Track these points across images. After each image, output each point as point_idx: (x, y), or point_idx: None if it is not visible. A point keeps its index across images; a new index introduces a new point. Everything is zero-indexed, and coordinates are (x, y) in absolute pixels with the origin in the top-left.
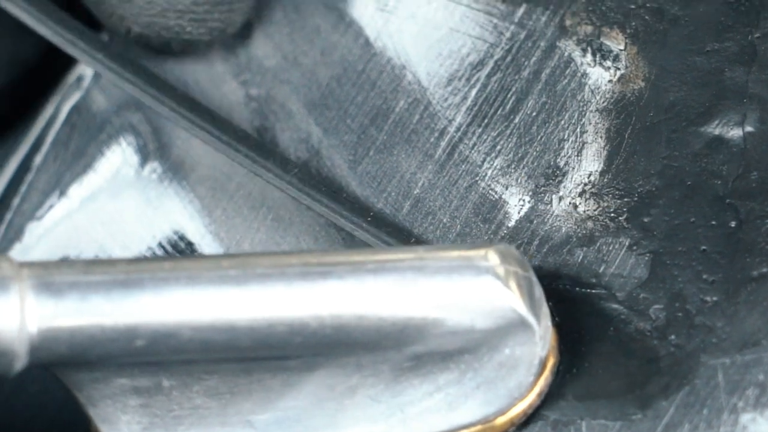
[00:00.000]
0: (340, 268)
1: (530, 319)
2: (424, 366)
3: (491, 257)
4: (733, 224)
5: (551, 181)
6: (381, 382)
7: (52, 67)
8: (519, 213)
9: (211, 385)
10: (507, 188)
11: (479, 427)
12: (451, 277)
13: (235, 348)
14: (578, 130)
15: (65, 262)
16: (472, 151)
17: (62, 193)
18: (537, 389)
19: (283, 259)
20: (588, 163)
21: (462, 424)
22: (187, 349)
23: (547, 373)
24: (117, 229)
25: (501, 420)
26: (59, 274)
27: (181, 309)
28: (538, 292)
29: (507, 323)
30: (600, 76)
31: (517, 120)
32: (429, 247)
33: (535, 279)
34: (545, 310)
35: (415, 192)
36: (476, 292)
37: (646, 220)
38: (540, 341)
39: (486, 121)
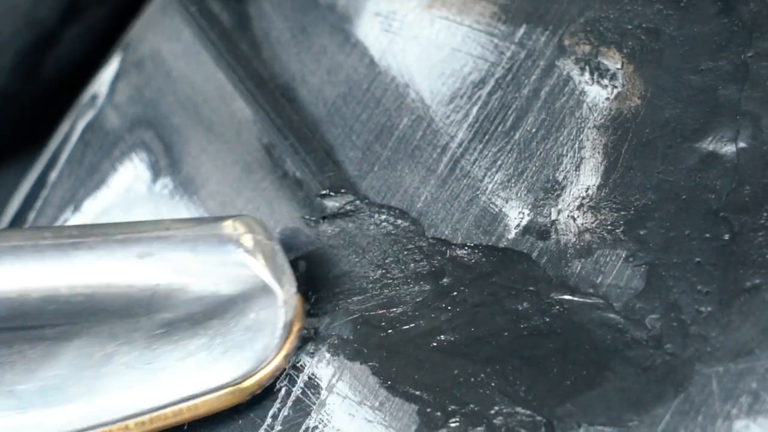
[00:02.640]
0: (91, 239)
1: (273, 284)
2: (174, 333)
3: (236, 227)
4: (726, 237)
5: (550, 194)
6: (135, 350)
7: (68, 86)
8: (519, 226)
9: None
10: (507, 202)
11: (229, 389)
12: (196, 246)
13: None
14: (576, 145)
15: None
16: (474, 166)
17: (76, 208)
18: (283, 352)
19: (36, 232)
20: (586, 178)
21: (213, 387)
22: None
23: (293, 337)
24: None
25: (249, 382)
26: None
27: None
28: (281, 259)
29: (250, 289)
30: (597, 94)
31: (517, 136)
32: (178, 219)
33: (278, 247)
34: (289, 276)
35: (418, 206)
36: (220, 259)
37: (642, 232)
38: (283, 306)
39: (487, 137)
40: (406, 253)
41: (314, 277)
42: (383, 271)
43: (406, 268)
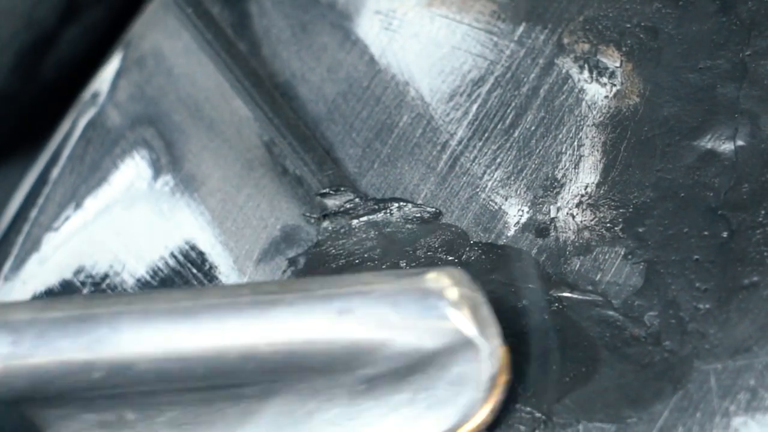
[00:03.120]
0: (290, 295)
1: (477, 338)
2: (377, 388)
3: (439, 279)
4: (725, 234)
5: (549, 192)
6: (337, 406)
7: (69, 83)
8: (518, 223)
9: (174, 416)
10: (506, 199)
11: None
12: (398, 300)
13: (189, 376)
14: (575, 143)
15: (24, 301)
16: (473, 164)
17: (78, 205)
18: (488, 406)
19: (234, 290)
20: (585, 176)
21: None
22: (143, 380)
23: (498, 390)
24: (130, 240)
25: None
26: (16, 312)
27: (135, 341)
28: (486, 311)
29: (454, 342)
30: (596, 92)
31: (516, 134)
32: (379, 272)
33: (483, 299)
34: (494, 329)
35: (418, 203)
36: (423, 313)
37: (640, 230)
38: (488, 359)
39: (486, 135)
40: (406, 250)
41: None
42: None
43: (407, 265)
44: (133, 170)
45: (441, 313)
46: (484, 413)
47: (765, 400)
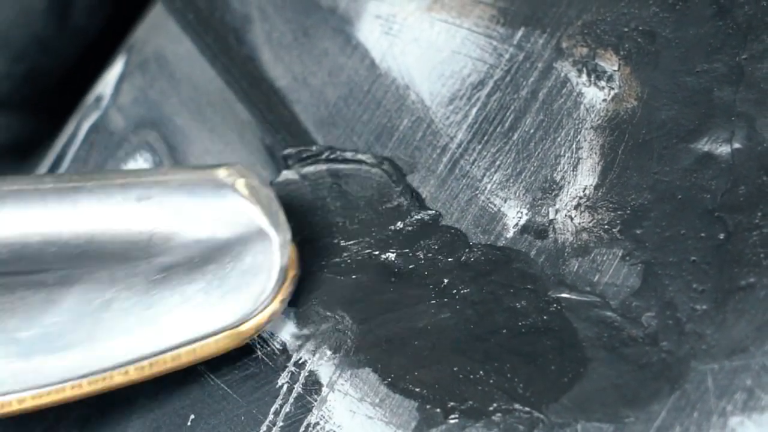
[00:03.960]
0: (91, 183)
1: (269, 229)
2: (172, 278)
3: (231, 173)
4: (721, 236)
5: (548, 194)
6: (134, 296)
7: (72, 87)
8: (517, 225)
9: None
10: (506, 201)
11: (227, 333)
12: (193, 191)
13: None
14: (574, 146)
15: None
16: (473, 167)
17: None
18: (280, 297)
19: (36, 178)
20: (583, 178)
21: (211, 331)
22: None
23: (288, 282)
24: None
25: (247, 326)
26: None
27: None
28: (276, 206)
29: (247, 232)
30: (595, 96)
31: (515, 137)
32: (174, 166)
33: (273, 194)
34: (283, 223)
35: (417, 205)
36: (216, 203)
37: (638, 231)
38: (279, 250)
39: (486, 138)
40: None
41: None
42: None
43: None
44: None
45: (235, 205)
46: (276, 303)
47: (761, 400)
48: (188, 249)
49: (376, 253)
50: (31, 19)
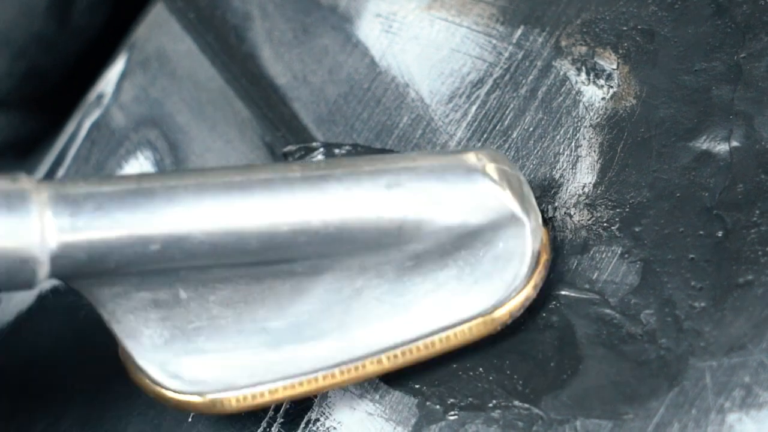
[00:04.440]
0: (339, 171)
1: (521, 213)
2: (424, 265)
3: (481, 158)
4: (719, 234)
5: (547, 192)
6: (385, 283)
7: (74, 85)
8: None
9: (226, 294)
10: None
11: (480, 320)
12: (443, 176)
13: (243, 250)
14: (573, 144)
15: (80, 177)
16: None
17: None
18: (532, 282)
19: (285, 167)
20: (582, 176)
21: (463, 318)
22: (198, 253)
23: (541, 267)
24: None
25: (500, 312)
26: (75, 187)
27: (191, 215)
28: (527, 189)
29: (499, 218)
30: (594, 94)
31: (514, 135)
32: (423, 151)
33: (523, 178)
34: (534, 207)
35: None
36: (468, 189)
37: (637, 229)
38: (531, 234)
39: (485, 136)
40: None
41: None
42: None
43: None
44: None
45: (486, 189)
46: (529, 288)
47: (759, 397)
48: (439, 235)
49: None
50: (32, 17)
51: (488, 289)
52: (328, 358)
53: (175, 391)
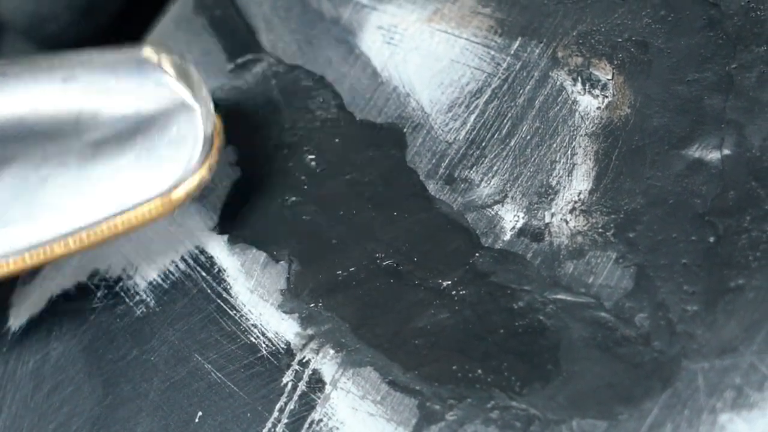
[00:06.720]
0: (17, 68)
1: (191, 100)
2: (103, 153)
3: (154, 50)
4: (712, 239)
5: (544, 199)
6: (68, 171)
7: (124, 28)
8: (514, 228)
9: None
10: (503, 206)
11: (158, 200)
12: (116, 69)
13: None
14: (569, 152)
15: None
16: (471, 172)
17: None
18: (207, 164)
19: None
20: (578, 183)
21: (143, 199)
22: None
23: (214, 150)
24: (142, 245)
25: (177, 192)
26: None
27: None
28: (198, 79)
29: (171, 105)
30: (589, 104)
31: (512, 143)
32: (101, 48)
33: (192, 67)
34: (205, 95)
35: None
36: (139, 79)
37: (631, 235)
38: (202, 120)
39: (484, 144)
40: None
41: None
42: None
43: None
44: None
45: (158, 79)
46: (203, 170)
47: (750, 398)
48: (116, 124)
49: (378, 255)
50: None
51: (165, 172)
52: (18, 243)
53: None
